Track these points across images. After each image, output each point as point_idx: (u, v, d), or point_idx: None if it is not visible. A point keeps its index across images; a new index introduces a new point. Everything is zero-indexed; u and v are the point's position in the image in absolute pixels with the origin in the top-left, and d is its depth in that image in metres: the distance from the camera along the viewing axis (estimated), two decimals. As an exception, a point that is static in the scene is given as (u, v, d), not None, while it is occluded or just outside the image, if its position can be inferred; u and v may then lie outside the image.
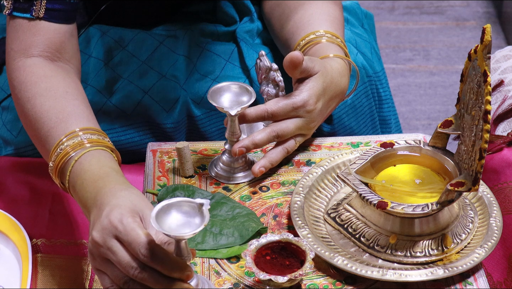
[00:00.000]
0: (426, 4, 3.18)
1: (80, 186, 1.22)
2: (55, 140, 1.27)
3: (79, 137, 1.26)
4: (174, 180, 1.37)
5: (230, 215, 1.30)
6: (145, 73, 1.58)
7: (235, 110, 1.32)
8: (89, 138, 1.27)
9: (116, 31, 1.63)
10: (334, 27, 1.50)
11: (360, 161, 1.28)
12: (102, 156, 1.25)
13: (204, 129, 1.56)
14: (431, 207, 1.20)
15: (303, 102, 1.36)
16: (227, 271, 1.23)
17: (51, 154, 1.27)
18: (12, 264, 1.36)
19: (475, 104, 1.19)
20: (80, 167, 1.23)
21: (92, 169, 1.22)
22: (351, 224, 1.27)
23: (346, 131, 1.58)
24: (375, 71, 1.64)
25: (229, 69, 1.59)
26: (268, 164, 1.36)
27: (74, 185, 1.24)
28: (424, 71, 2.89)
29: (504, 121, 1.60)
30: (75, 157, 1.24)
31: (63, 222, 1.46)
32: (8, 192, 1.48)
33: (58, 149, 1.26)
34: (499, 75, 1.69)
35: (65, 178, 1.25)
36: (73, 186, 1.24)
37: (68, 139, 1.26)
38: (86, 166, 1.23)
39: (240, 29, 1.64)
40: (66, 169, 1.25)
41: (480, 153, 1.15)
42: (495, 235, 1.25)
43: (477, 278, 1.22)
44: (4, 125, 1.55)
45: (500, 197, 1.41)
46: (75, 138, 1.26)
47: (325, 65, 1.39)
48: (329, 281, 1.22)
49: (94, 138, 1.27)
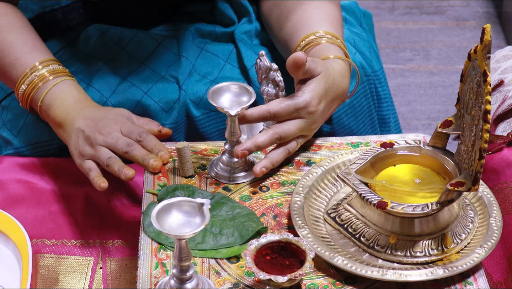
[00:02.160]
0: (426, 4, 3.18)
1: (60, 105, 1.42)
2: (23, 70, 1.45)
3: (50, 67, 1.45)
4: (174, 180, 1.37)
5: (230, 215, 1.30)
6: (144, 74, 1.58)
7: (235, 110, 1.32)
8: (54, 69, 1.45)
9: (115, 31, 1.63)
10: (333, 27, 1.49)
11: (360, 161, 1.28)
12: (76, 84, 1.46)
13: (203, 130, 1.56)
14: (431, 207, 1.20)
15: (305, 103, 1.36)
16: (227, 271, 1.23)
17: (19, 81, 1.45)
18: (12, 264, 1.36)
19: (475, 104, 1.19)
20: (58, 90, 1.43)
21: (71, 93, 1.43)
22: (351, 224, 1.27)
23: (345, 131, 1.58)
24: (374, 70, 1.64)
25: (228, 70, 1.59)
26: (269, 165, 1.36)
27: (51, 104, 1.43)
28: (424, 71, 2.89)
29: (504, 121, 1.60)
30: (53, 82, 1.43)
31: (63, 222, 1.46)
32: (8, 192, 1.48)
33: (30, 77, 1.44)
34: (499, 75, 1.69)
35: (38, 99, 1.44)
36: (48, 105, 1.43)
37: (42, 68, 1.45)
38: (65, 90, 1.43)
39: (238, 30, 1.64)
40: (41, 92, 1.43)
41: (480, 152, 1.15)
42: (495, 235, 1.25)
43: (477, 278, 1.22)
44: (4, 124, 1.55)
45: (500, 197, 1.41)
46: (44, 69, 1.45)
47: (327, 66, 1.39)
48: (329, 281, 1.22)
49: (59, 69, 1.46)
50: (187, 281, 1.17)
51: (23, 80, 1.45)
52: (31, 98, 1.45)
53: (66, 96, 1.44)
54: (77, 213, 1.47)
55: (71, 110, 1.43)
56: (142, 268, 1.23)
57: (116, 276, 1.40)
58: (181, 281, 1.17)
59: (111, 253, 1.43)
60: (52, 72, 1.45)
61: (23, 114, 1.55)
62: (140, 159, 1.36)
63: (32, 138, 1.53)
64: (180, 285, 1.17)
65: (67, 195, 1.48)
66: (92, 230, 1.46)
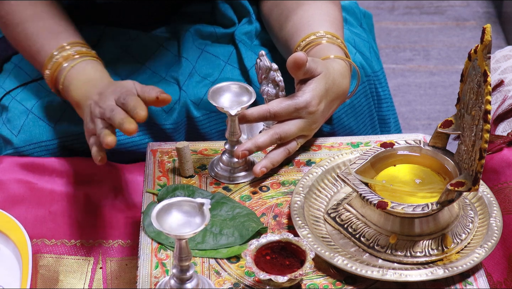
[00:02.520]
0: (426, 4, 3.18)
1: (76, 85, 1.43)
2: (47, 54, 1.48)
3: (71, 50, 1.47)
4: (174, 180, 1.37)
5: (230, 215, 1.30)
6: (145, 75, 1.58)
7: (235, 110, 1.32)
8: (78, 50, 1.47)
9: (116, 32, 1.63)
10: (334, 27, 1.49)
11: (360, 161, 1.28)
12: (96, 64, 1.47)
13: (204, 131, 1.56)
14: (431, 207, 1.20)
15: (305, 103, 1.36)
16: (227, 271, 1.23)
17: (45, 64, 1.48)
18: (12, 264, 1.36)
19: (475, 104, 1.19)
20: (76, 72, 1.45)
21: (87, 73, 1.45)
22: (351, 224, 1.27)
23: (345, 131, 1.58)
24: (374, 71, 1.64)
25: (228, 71, 1.59)
26: (269, 165, 1.36)
27: (68, 85, 1.44)
28: (424, 71, 2.89)
29: (504, 121, 1.60)
30: (71, 63, 1.45)
31: (63, 222, 1.46)
32: (8, 192, 1.48)
33: (53, 59, 1.47)
34: (499, 75, 1.69)
35: (59, 81, 1.46)
36: (67, 87, 1.45)
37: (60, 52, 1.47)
38: (81, 70, 1.45)
39: (238, 31, 1.64)
40: (62, 74, 1.45)
41: (480, 152, 1.15)
42: (495, 235, 1.25)
43: (477, 278, 1.22)
44: (4, 124, 1.55)
45: (500, 197, 1.41)
46: (67, 51, 1.47)
47: (327, 66, 1.39)
48: (329, 281, 1.22)
49: (83, 50, 1.48)
50: (187, 281, 1.17)
51: (48, 64, 1.48)
52: (55, 80, 1.47)
53: (82, 77, 1.44)
54: (77, 213, 1.47)
55: (85, 89, 1.42)
56: (142, 268, 1.23)
57: (116, 276, 1.40)
58: (181, 281, 1.17)
59: (111, 253, 1.43)
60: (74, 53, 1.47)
61: (23, 113, 1.55)
62: (117, 123, 1.30)
63: (32, 138, 1.53)
64: (180, 285, 1.17)
65: (67, 195, 1.49)
66: (92, 230, 1.46)
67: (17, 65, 1.63)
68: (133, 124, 1.27)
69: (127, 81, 1.37)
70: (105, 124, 1.31)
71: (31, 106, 1.55)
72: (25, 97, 1.57)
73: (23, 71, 1.61)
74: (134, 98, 1.31)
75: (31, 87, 1.59)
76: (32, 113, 1.54)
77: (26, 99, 1.56)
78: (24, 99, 1.56)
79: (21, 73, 1.61)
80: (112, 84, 1.39)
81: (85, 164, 1.52)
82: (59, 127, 1.54)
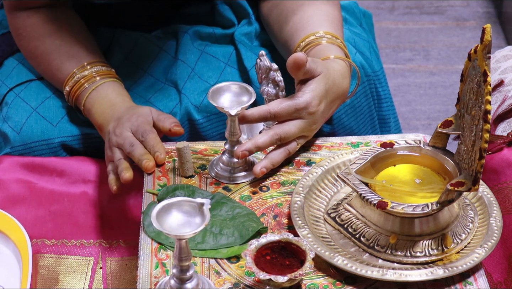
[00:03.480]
0: (426, 4, 3.18)
1: (98, 108, 1.47)
2: (68, 71, 1.51)
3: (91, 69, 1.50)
4: (174, 180, 1.37)
5: (230, 215, 1.30)
6: (144, 78, 1.59)
7: (235, 110, 1.32)
8: (98, 70, 1.50)
9: (115, 34, 1.63)
10: (333, 27, 1.49)
11: (360, 161, 1.28)
12: (116, 86, 1.50)
13: (205, 134, 1.56)
14: (431, 207, 1.20)
15: (305, 103, 1.36)
16: (227, 271, 1.23)
17: (65, 82, 1.51)
18: (12, 264, 1.36)
19: (475, 104, 1.19)
20: (97, 94, 1.48)
21: (109, 96, 1.48)
22: (351, 224, 1.27)
23: (345, 131, 1.58)
24: (374, 71, 1.64)
25: (228, 73, 1.59)
26: (269, 165, 1.36)
27: (90, 108, 1.48)
28: (424, 71, 2.89)
29: (504, 121, 1.60)
30: (92, 86, 1.49)
31: (63, 222, 1.46)
32: (8, 191, 1.48)
33: (75, 78, 1.50)
34: (499, 75, 1.69)
35: (81, 103, 1.50)
36: (89, 109, 1.49)
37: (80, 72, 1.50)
38: (103, 93, 1.48)
39: (238, 32, 1.63)
40: (83, 96, 1.49)
41: (480, 152, 1.15)
42: (495, 235, 1.25)
43: (477, 278, 1.22)
44: (5, 121, 1.55)
45: (500, 197, 1.41)
46: (87, 71, 1.50)
47: (327, 66, 1.39)
48: (329, 281, 1.22)
49: (103, 70, 1.51)
50: (187, 281, 1.17)
51: (69, 81, 1.51)
52: (75, 98, 1.51)
53: (103, 100, 1.48)
54: (77, 213, 1.47)
55: (106, 114, 1.47)
56: (142, 268, 1.23)
57: (116, 276, 1.40)
58: (181, 281, 1.17)
59: (111, 253, 1.43)
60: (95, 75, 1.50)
61: (25, 112, 1.55)
62: (137, 159, 1.38)
63: (33, 136, 1.53)
64: (180, 285, 1.17)
65: (67, 195, 1.48)
66: (92, 230, 1.46)
67: (20, 62, 1.62)
68: (152, 162, 1.36)
69: (144, 108, 1.44)
70: (123, 155, 1.39)
71: (35, 105, 1.55)
72: (28, 95, 1.57)
73: (26, 68, 1.61)
74: (153, 137, 1.39)
75: (34, 85, 1.59)
76: (35, 112, 1.54)
77: (30, 97, 1.56)
78: (28, 97, 1.56)
79: (24, 71, 1.61)
80: (129, 110, 1.44)
81: (85, 164, 1.52)
82: (61, 126, 1.54)
